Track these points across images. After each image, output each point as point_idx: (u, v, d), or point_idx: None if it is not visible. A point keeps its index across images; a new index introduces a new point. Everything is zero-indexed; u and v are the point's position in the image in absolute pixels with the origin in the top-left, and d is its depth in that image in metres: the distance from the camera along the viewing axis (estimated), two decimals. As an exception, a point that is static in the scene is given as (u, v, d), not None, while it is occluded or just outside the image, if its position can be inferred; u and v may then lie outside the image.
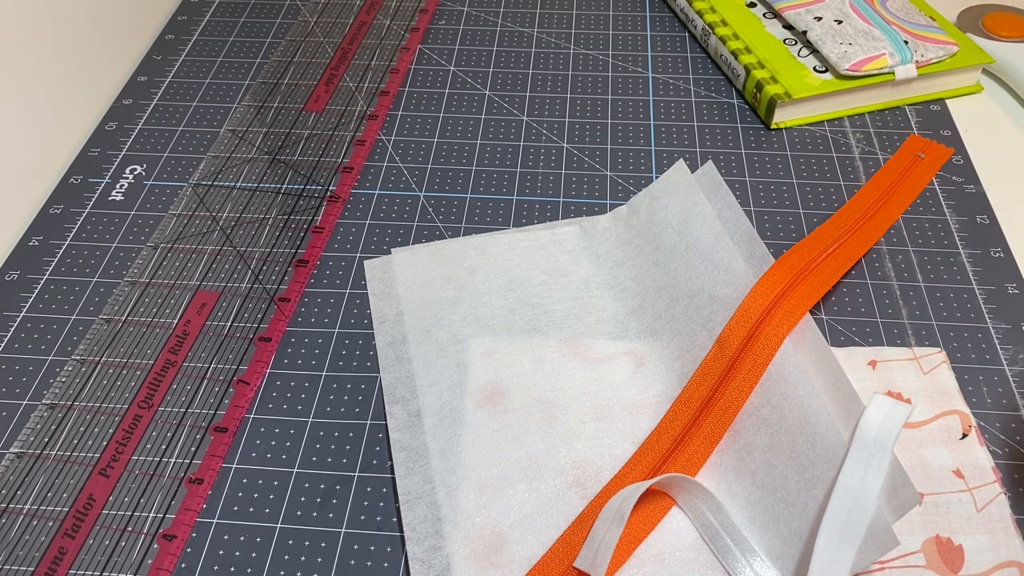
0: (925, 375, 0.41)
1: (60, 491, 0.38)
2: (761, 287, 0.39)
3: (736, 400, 0.38)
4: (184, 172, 0.54)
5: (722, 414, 0.38)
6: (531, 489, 0.37)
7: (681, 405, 0.39)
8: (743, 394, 0.38)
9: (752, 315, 0.39)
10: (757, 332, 0.38)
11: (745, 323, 0.39)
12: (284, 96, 0.58)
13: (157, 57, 0.62)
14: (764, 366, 0.37)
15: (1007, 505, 0.36)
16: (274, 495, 0.38)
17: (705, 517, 0.36)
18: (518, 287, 0.45)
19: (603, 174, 0.53)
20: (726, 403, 0.38)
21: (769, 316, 0.38)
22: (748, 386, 0.38)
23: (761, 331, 0.38)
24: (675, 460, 0.37)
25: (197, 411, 0.41)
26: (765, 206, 0.50)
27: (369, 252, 0.48)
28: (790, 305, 0.39)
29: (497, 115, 0.57)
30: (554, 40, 0.63)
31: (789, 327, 0.38)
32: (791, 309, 0.38)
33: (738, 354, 0.38)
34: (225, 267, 0.47)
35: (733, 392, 0.38)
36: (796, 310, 0.38)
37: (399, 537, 0.37)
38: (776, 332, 0.38)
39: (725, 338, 0.39)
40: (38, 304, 0.46)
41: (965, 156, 0.53)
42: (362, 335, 0.44)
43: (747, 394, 0.37)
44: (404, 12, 0.66)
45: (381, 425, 0.41)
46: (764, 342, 0.38)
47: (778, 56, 0.57)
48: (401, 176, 0.53)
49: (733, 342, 0.39)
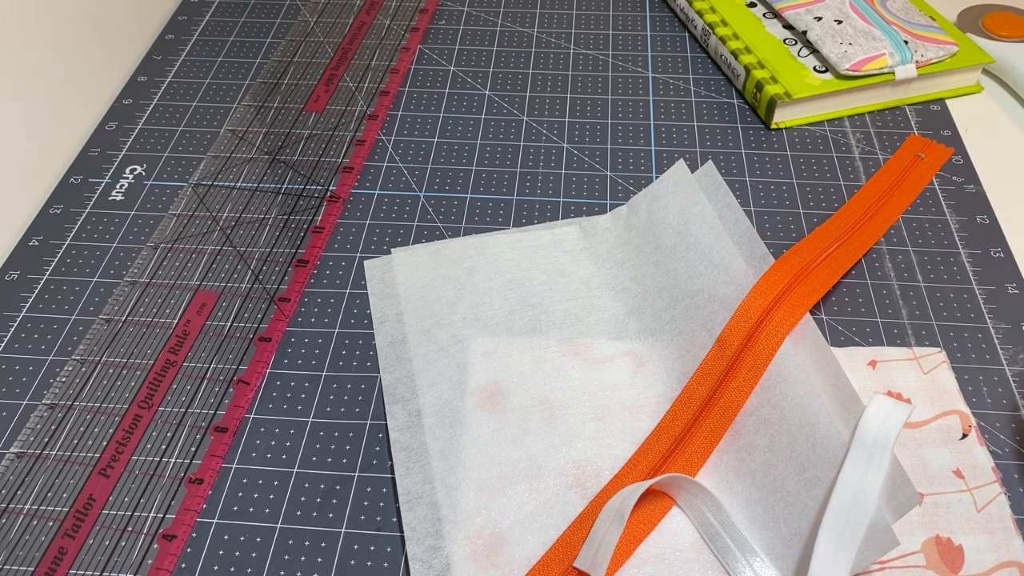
0: (925, 375, 0.41)
1: (60, 491, 0.38)
2: (761, 287, 0.39)
3: (736, 400, 0.38)
4: (184, 172, 0.54)
5: (722, 414, 0.38)
6: (531, 489, 0.37)
7: (681, 405, 0.39)
8: (743, 394, 0.38)
9: (752, 315, 0.39)
10: (757, 332, 0.38)
11: (745, 323, 0.39)
12: (284, 96, 0.58)
13: (157, 57, 0.62)
14: (764, 366, 0.37)
15: (1007, 505, 0.36)
16: (274, 495, 0.38)
17: (705, 517, 0.36)
18: (518, 287, 0.45)
19: (603, 174, 0.53)
20: (726, 403, 0.38)
21: (769, 316, 0.38)
22: (748, 386, 0.38)
23: (761, 331, 0.38)
24: (675, 460, 0.37)
25: (197, 411, 0.41)
26: (765, 206, 0.50)
27: (369, 252, 0.48)
28: (790, 305, 0.39)
29: (497, 115, 0.57)
30: (554, 40, 0.63)
31: (789, 327, 0.38)
32: (791, 309, 0.38)
33: (738, 354, 0.38)
34: (225, 267, 0.47)
35: (733, 392, 0.38)
36: (796, 310, 0.38)
37: (399, 537, 0.37)
38: (776, 332, 0.38)
39: (725, 338, 0.39)
40: (38, 304, 0.46)
41: (965, 156, 0.53)
42: (362, 335, 0.44)
43: (747, 394, 0.37)
44: (404, 12, 0.66)
45: (381, 425, 0.41)
46: (764, 342, 0.38)
47: (778, 56, 0.57)
48: (401, 176, 0.53)
49: (733, 342, 0.39)
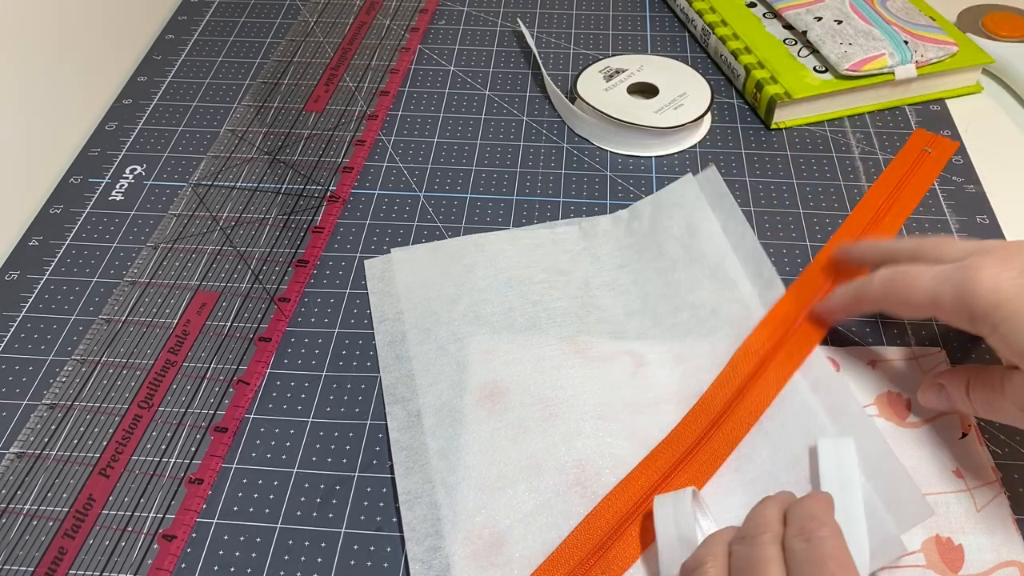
0: (925, 375, 0.41)
1: (60, 491, 0.38)
2: (774, 316, 0.41)
3: (747, 419, 0.38)
4: (184, 172, 0.54)
5: (733, 431, 0.38)
6: (531, 488, 0.37)
7: (693, 417, 0.39)
8: (754, 414, 0.38)
9: (765, 344, 0.40)
10: (769, 363, 0.39)
11: (757, 352, 0.40)
12: (284, 96, 0.58)
13: (157, 57, 0.62)
14: (775, 393, 0.39)
15: (1007, 505, 0.36)
16: (274, 495, 0.38)
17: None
18: (518, 284, 0.45)
19: (603, 174, 0.53)
20: (736, 421, 0.38)
21: (782, 346, 0.40)
22: (760, 407, 0.38)
23: (773, 362, 0.39)
24: (685, 469, 0.37)
25: (197, 411, 0.41)
26: (765, 206, 0.50)
27: (369, 252, 0.48)
28: (802, 337, 0.40)
29: (497, 115, 0.57)
30: (554, 40, 0.63)
31: (802, 358, 0.39)
32: (803, 341, 0.40)
33: (749, 379, 0.39)
34: (225, 267, 0.47)
35: (744, 412, 0.38)
36: (808, 342, 0.40)
37: (399, 537, 0.37)
38: (787, 363, 0.39)
39: (738, 362, 0.40)
40: (38, 304, 0.46)
41: (965, 156, 0.53)
42: (362, 335, 0.44)
43: (759, 414, 0.38)
44: (404, 12, 0.66)
45: (381, 425, 0.41)
46: (776, 372, 0.39)
47: (778, 56, 0.57)
48: (401, 176, 0.53)
49: (745, 368, 0.39)
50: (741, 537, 0.30)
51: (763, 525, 0.30)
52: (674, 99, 0.55)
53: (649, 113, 0.54)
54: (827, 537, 0.29)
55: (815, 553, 0.28)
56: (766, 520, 0.30)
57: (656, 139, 0.53)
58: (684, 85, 0.56)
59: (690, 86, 0.56)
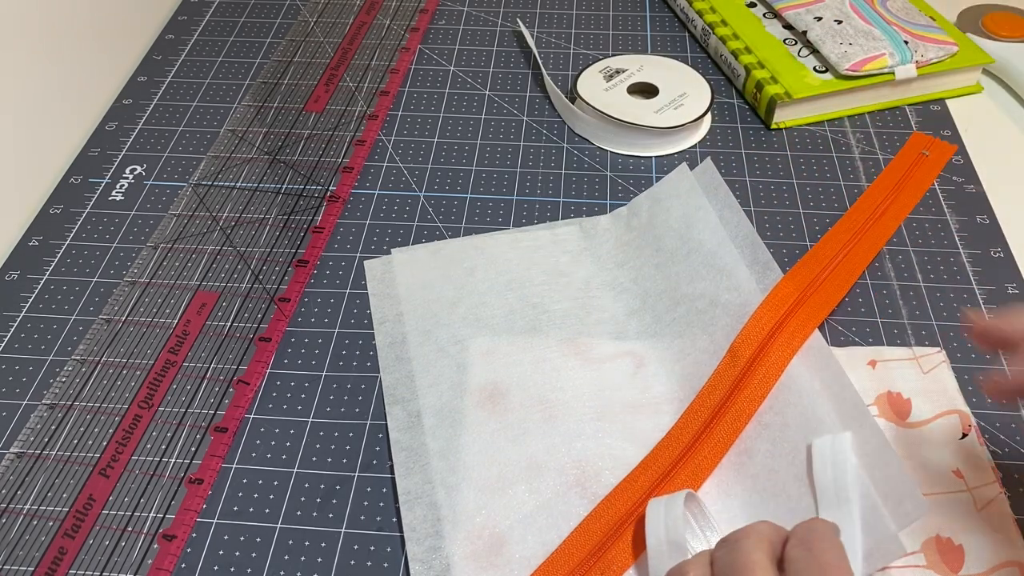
0: (925, 375, 0.41)
1: (60, 491, 0.38)
2: (772, 300, 0.40)
3: (747, 409, 0.38)
4: (184, 172, 0.54)
5: (732, 423, 0.38)
6: (531, 489, 0.37)
7: (693, 412, 0.39)
8: (754, 404, 0.38)
9: (764, 328, 0.39)
10: (768, 345, 0.39)
11: (757, 336, 0.39)
12: (284, 96, 0.58)
13: (157, 57, 0.62)
14: (775, 379, 0.38)
15: (1007, 505, 0.36)
16: (274, 495, 0.38)
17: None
18: (518, 287, 0.45)
19: (603, 174, 0.53)
20: (736, 412, 0.38)
21: (781, 329, 0.39)
22: (759, 396, 0.38)
23: (772, 345, 0.39)
24: (685, 466, 0.37)
25: (197, 411, 0.41)
26: (765, 206, 0.50)
27: (369, 252, 0.48)
28: (801, 320, 0.39)
29: (497, 115, 0.57)
30: (554, 40, 0.63)
31: (801, 341, 0.39)
32: (802, 323, 0.39)
33: (749, 365, 0.39)
34: (225, 267, 0.47)
35: (744, 402, 0.38)
36: (807, 324, 0.39)
37: (399, 537, 0.37)
38: (787, 347, 0.39)
39: (737, 348, 0.39)
40: (38, 304, 0.46)
41: (965, 156, 0.53)
42: (362, 335, 0.44)
43: (758, 404, 0.38)
44: (404, 12, 0.66)
45: (381, 425, 0.41)
46: (775, 356, 0.38)
47: (778, 56, 0.57)
48: (401, 176, 0.53)
49: (744, 353, 0.39)
50: (723, 542, 0.30)
51: (747, 530, 0.29)
52: (674, 99, 0.55)
53: (649, 113, 0.54)
54: (828, 548, 0.28)
55: (815, 562, 0.28)
56: (753, 528, 0.30)
57: (656, 139, 0.53)
58: (684, 85, 0.56)
59: (690, 86, 0.56)
